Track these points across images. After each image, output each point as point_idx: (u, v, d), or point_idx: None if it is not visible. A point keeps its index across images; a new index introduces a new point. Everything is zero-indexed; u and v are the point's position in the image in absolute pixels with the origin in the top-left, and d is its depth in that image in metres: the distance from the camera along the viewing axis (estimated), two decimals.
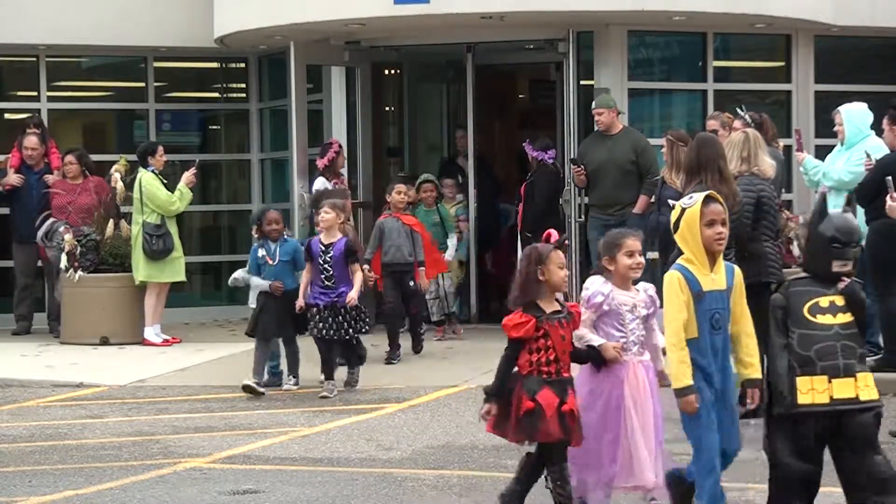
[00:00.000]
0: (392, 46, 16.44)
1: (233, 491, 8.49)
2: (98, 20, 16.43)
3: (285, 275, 12.03)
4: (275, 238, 12.12)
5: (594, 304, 7.43)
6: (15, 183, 15.67)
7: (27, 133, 15.85)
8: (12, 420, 11.13)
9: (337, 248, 11.73)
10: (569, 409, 7.17)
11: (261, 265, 12.09)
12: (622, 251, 7.48)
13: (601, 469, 7.35)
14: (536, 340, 7.22)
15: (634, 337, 7.53)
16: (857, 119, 12.56)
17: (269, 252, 12.08)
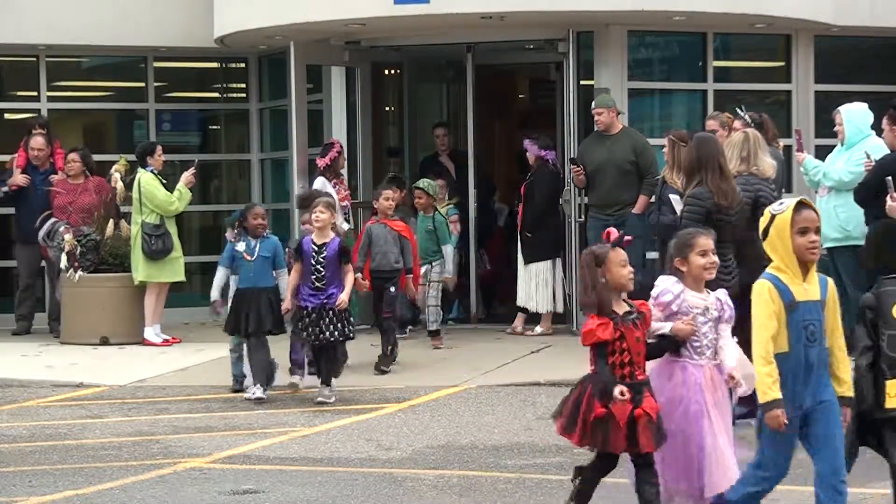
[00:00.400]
0: (392, 46, 16.44)
1: (233, 491, 8.49)
2: (98, 20, 16.43)
3: (263, 272, 11.66)
4: (258, 234, 11.75)
5: (662, 302, 7.22)
6: (21, 183, 15.67)
7: (33, 133, 15.84)
8: (12, 420, 11.13)
9: (330, 248, 11.42)
10: (642, 413, 6.95)
11: (236, 259, 11.70)
12: (695, 251, 7.23)
13: (692, 478, 7.14)
14: (612, 343, 7.03)
15: (707, 340, 7.25)
16: (858, 119, 12.57)
17: (248, 248, 11.68)
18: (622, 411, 6.90)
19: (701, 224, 9.90)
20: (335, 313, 11.37)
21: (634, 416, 6.94)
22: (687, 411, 7.13)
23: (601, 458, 7.20)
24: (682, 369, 7.16)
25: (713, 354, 7.25)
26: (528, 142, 14.99)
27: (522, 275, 14.98)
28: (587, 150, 14.68)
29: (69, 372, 13.25)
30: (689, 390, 7.15)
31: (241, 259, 11.67)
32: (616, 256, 7.14)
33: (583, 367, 7.32)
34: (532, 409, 11.17)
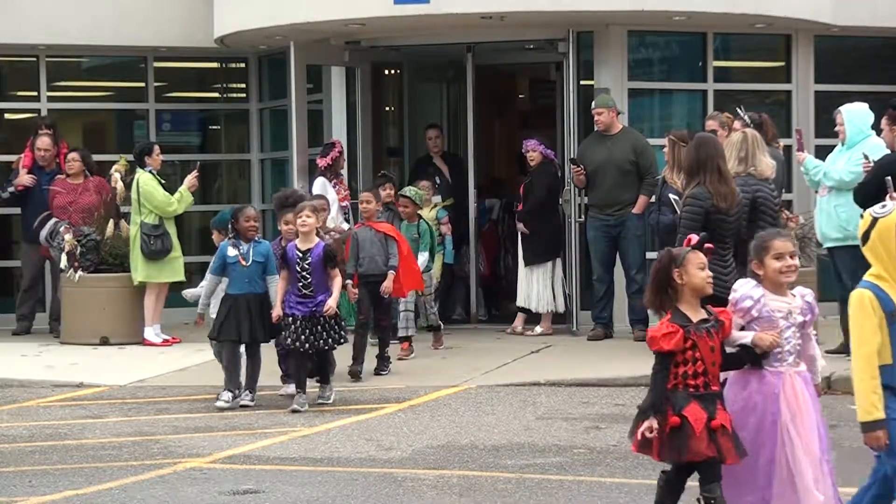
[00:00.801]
0: (392, 46, 16.44)
1: (233, 491, 8.49)
2: (98, 20, 16.43)
3: (256, 278, 11.26)
4: (250, 238, 11.32)
5: (742, 308, 6.81)
6: (27, 183, 15.66)
7: (39, 134, 15.83)
8: (12, 420, 11.13)
9: (315, 253, 11.07)
10: (719, 425, 6.60)
11: (230, 264, 11.25)
12: (770, 254, 6.82)
13: (757, 491, 6.74)
14: (683, 352, 6.64)
15: (790, 346, 6.82)
16: (859, 119, 12.56)
17: (242, 252, 11.26)
18: (699, 418, 6.57)
19: (699, 224, 9.91)
20: (326, 320, 11.10)
21: (711, 426, 6.60)
22: (761, 422, 6.75)
23: (679, 469, 6.81)
24: (758, 377, 6.78)
25: (795, 361, 6.84)
26: (534, 142, 14.97)
27: (523, 275, 14.98)
28: (587, 150, 14.69)
29: (69, 372, 13.24)
30: (764, 399, 6.77)
31: (234, 264, 11.25)
32: (695, 258, 6.81)
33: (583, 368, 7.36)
34: (532, 409, 11.18)
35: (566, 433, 10.18)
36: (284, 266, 11.14)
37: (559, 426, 10.44)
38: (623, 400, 11.52)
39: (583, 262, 15.04)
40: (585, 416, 10.81)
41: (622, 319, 14.60)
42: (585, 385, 12.12)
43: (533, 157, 14.95)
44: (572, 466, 9.05)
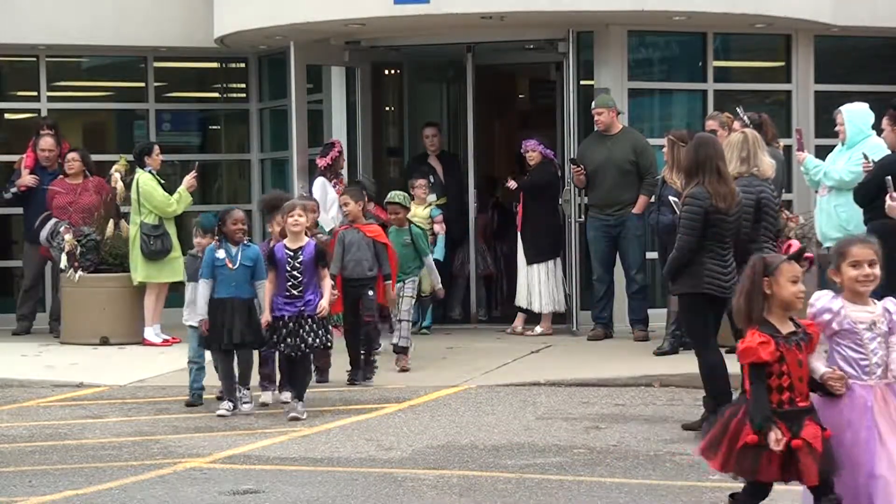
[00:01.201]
0: (392, 46, 16.44)
1: (233, 491, 8.49)
2: (98, 20, 16.43)
3: (244, 282, 10.94)
4: (237, 240, 11.02)
5: (822, 322, 6.50)
6: (30, 184, 15.66)
7: (42, 134, 15.83)
8: (12, 420, 11.13)
9: (307, 252, 10.78)
10: (801, 444, 6.33)
11: (217, 268, 10.94)
12: (846, 261, 6.51)
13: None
14: (770, 365, 6.38)
15: (877, 358, 6.50)
16: (859, 119, 12.56)
17: (229, 255, 10.95)
18: (777, 439, 6.31)
19: (699, 224, 9.92)
20: (314, 321, 10.77)
21: (792, 446, 6.33)
22: (856, 437, 6.46)
23: (754, 484, 6.57)
24: (848, 392, 6.48)
25: (884, 373, 6.52)
26: (534, 142, 14.96)
27: (523, 275, 14.97)
28: (587, 150, 14.69)
29: (69, 372, 13.24)
30: (857, 414, 6.47)
31: (221, 267, 10.94)
32: (789, 270, 6.46)
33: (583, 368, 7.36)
34: (532, 409, 11.17)
35: (566, 433, 10.18)
36: (272, 267, 10.84)
37: (559, 426, 10.44)
38: (623, 400, 11.52)
39: (583, 262, 15.04)
40: (585, 416, 10.81)
41: (622, 319, 14.60)
42: (585, 385, 12.12)
43: (532, 157, 14.95)
44: (572, 466, 9.05)
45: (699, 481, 8.51)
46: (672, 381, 12.10)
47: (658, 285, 15.04)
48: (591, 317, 14.69)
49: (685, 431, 10.06)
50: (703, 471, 8.78)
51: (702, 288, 9.97)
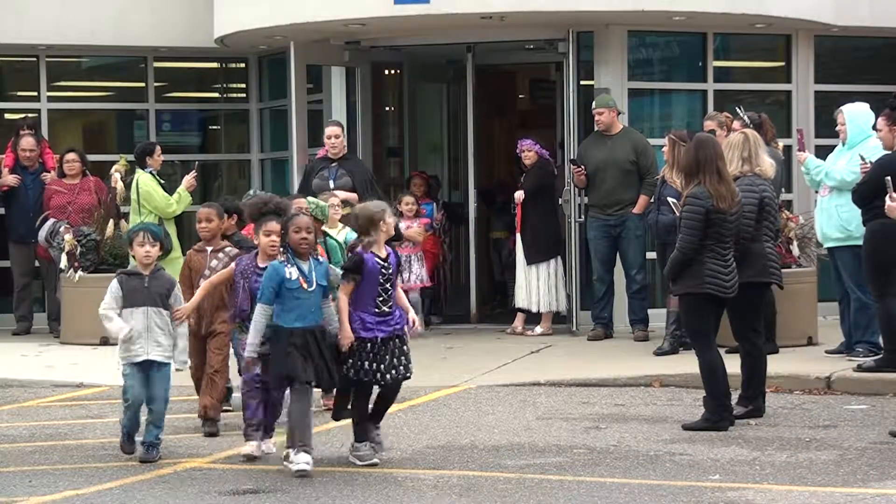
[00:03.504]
0: (392, 46, 16.44)
1: (233, 491, 8.49)
2: (98, 20, 16.44)
3: (319, 306, 8.98)
4: (306, 254, 9.02)
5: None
6: (12, 183, 15.69)
7: (22, 134, 15.88)
8: (12, 420, 11.14)
9: (393, 262, 9.18)
10: None
11: (289, 290, 8.87)
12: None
13: None
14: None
15: None
16: (860, 119, 12.57)
17: (302, 273, 8.92)
18: None
19: (700, 224, 9.93)
20: (404, 342, 9.17)
21: None
22: None
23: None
24: None
25: None
26: (529, 142, 14.97)
27: (522, 275, 14.97)
28: (587, 150, 14.69)
29: (69, 372, 13.25)
30: None
31: (296, 290, 8.87)
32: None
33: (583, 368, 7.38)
34: (532, 409, 11.17)
35: (566, 433, 10.18)
36: (353, 278, 9.02)
37: (559, 426, 10.44)
38: (623, 400, 11.52)
39: (583, 263, 15.04)
40: (585, 416, 10.81)
41: (622, 319, 14.60)
42: (585, 385, 12.12)
43: (528, 157, 14.92)
44: (572, 466, 9.05)
45: (699, 481, 8.52)
46: (672, 381, 12.11)
47: (658, 285, 15.04)
48: (591, 317, 14.69)
49: (685, 431, 10.06)
50: (703, 471, 8.79)
51: (703, 288, 9.98)
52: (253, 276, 9.39)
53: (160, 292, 9.52)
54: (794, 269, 13.51)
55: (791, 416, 10.71)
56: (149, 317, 9.44)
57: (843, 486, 8.31)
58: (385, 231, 9.14)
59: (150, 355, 9.41)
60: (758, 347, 10.57)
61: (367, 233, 9.13)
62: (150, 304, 9.47)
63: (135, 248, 9.59)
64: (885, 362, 11.76)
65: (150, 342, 9.43)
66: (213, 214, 10.44)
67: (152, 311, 9.45)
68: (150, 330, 9.43)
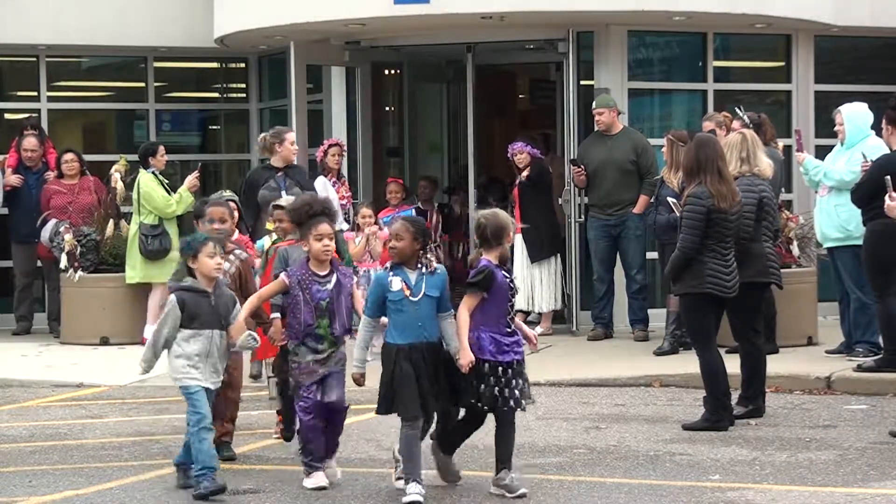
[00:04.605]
0: (392, 46, 16.44)
1: (233, 491, 8.48)
2: (98, 20, 16.44)
3: (431, 320, 8.16)
4: (415, 262, 8.24)
5: None
6: (15, 183, 15.70)
7: (25, 135, 15.89)
8: (12, 420, 11.14)
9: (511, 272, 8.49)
10: None
11: (392, 303, 8.12)
12: None
13: None
14: None
15: None
16: (858, 119, 12.57)
17: (407, 282, 8.14)
18: None
19: (701, 223, 9.93)
20: (522, 365, 8.40)
21: None
22: None
23: None
24: None
25: None
26: (520, 144, 14.93)
27: (522, 275, 14.95)
28: (587, 150, 14.69)
29: (69, 372, 13.24)
30: None
31: (400, 301, 8.11)
32: None
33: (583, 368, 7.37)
34: (532, 409, 11.13)
35: (566, 433, 10.17)
36: (479, 291, 8.16)
37: (559, 426, 10.44)
38: (623, 400, 11.52)
39: (583, 262, 15.04)
40: (585, 416, 10.81)
41: (622, 319, 14.59)
42: (585, 385, 12.12)
43: (521, 160, 14.87)
44: (572, 466, 9.05)
45: (699, 481, 8.52)
46: (672, 381, 12.10)
47: (658, 285, 15.04)
48: (591, 317, 14.69)
49: (685, 431, 10.06)
50: (703, 471, 8.79)
51: (704, 288, 9.98)
52: (314, 286, 8.48)
53: (224, 312, 8.51)
54: (794, 269, 13.51)
55: (791, 416, 10.71)
56: (212, 342, 8.45)
57: (843, 486, 8.30)
58: (508, 245, 8.43)
59: (207, 383, 8.45)
60: (758, 347, 10.58)
61: (491, 245, 8.28)
62: (216, 325, 8.46)
63: (201, 261, 8.44)
64: (885, 362, 11.76)
65: (207, 368, 8.45)
66: (227, 214, 9.68)
67: (216, 335, 8.47)
68: (210, 356, 8.46)
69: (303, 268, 8.56)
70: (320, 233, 8.50)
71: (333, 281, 8.50)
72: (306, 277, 8.51)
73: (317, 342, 8.49)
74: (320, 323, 8.47)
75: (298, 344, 8.54)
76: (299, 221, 8.70)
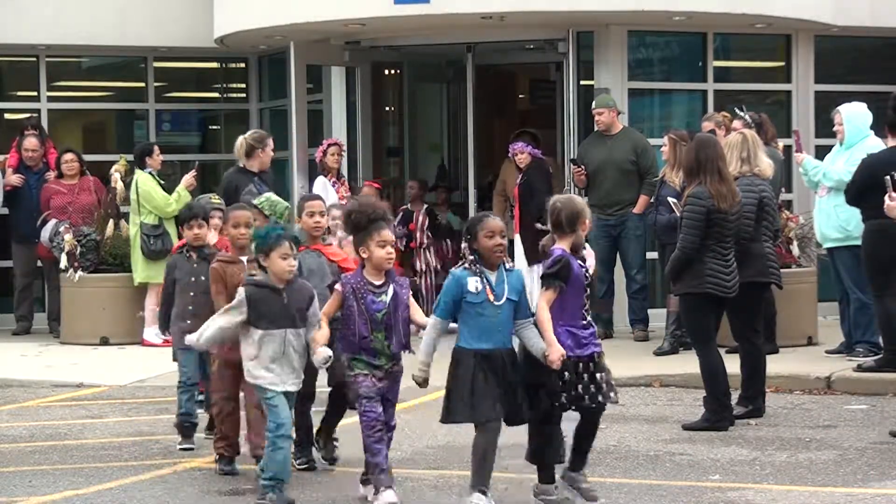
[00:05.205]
0: (392, 46, 16.45)
1: (233, 491, 8.49)
2: (98, 20, 16.45)
3: (508, 324, 7.67)
4: (496, 261, 7.67)
5: None
6: (15, 183, 15.71)
7: (26, 135, 15.90)
8: (12, 420, 11.14)
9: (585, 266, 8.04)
10: None
11: (472, 306, 7.61)
12: None
13: None
14: None
15: None
16: (857, 119, 12.57)
17: (489, 284, 7.61)
18: None
19: (701, 223, 9.93)
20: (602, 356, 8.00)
21: None
22: None
23: None
24: None
25: None
26: (521, 144, 14.92)
27: None
28: (587, 150, 14.69)
29: (69, 372, 13.25)
30: None
31: (481, 304, 7.61)
32: None
33: None
34: None
35: (567, 433, 10.16)
36: (559, 285, 7.76)
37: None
38: (623, 400, 11.49)
39: None
40: None
41: (622, 319, 14.59)
42: None
43: (522, 160, 14.86)
44: None
45: (699, 481, 8.52)
46: (672, 381, 12.10)
47: (658, 285, 15.04)
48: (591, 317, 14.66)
49: (685, 431, 10.06)
50: (703, 471, 8.79)
51: (704, 288, 9.98)
52: (369, 297, 7.90)
53: (300, 307, 7.98)
54: (794, 269, 13.51)
55: (791, 416, 10.71)
56: (286, 342, 7.94)
57: (843, 486, 8.30)
58: (584, 231, 7.94)
59: (287, 385, 7.97)
60: (757, 347, 10.57)
61: (564, 231, 7.87)
62: (289, 324, 7.96)
63: (273, 260, 7.92)
64: (885, 362, 11.76)
65: (285, 370, 7.96)
66: (250, 218, 9.00)
67: (291, 334, 7.96)
68: (287, 355, 7.95)
69: (357, 276, 7.97)
70: (384, 239, 7.88)
71: (390, 293, 7.93)
72: (361, 287, 7.92)
73: (373, 356, 7.97)
74: (376, 336, 7.94)
75: (354, 357, 7.98)
76: (359, 227, 7.96)
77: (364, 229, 7.90)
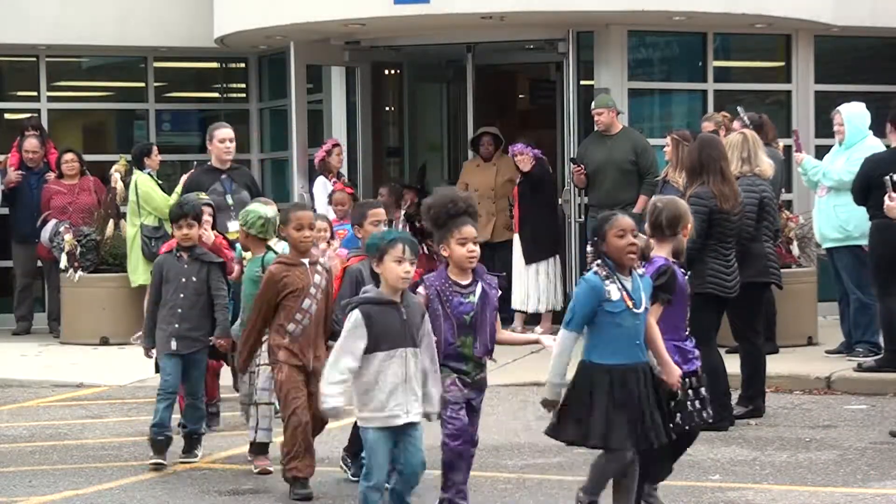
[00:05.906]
0: (392, 46, 16.45)
1: (233, 491, 8.49)
2: (98, 20, 16.45)
3: (643, 335, 7.07)
4: (627, 264, 6.97)
5: None
6: (15, 179, 15.71)
7: (27, 135, 15.90)
8: (12, 420, 11.14)
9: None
10: None
11: (610, 315, 6.95)
12: None
13: None
14: None
15: None
16: (857, 119, 12.58)
17: (626, 290, 6.93)
18: None
19: (703, 224, 9.93)
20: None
21: None
22: None
23: None
24: None
25: None
26: (521, 145, 14.91)
27: (521, 276, 14.95)
28: (587, 150, 14.69)
29: (69, 372, 13.25)
30: None
31: (621, 313, 6.92)
32: None
33: None
34: (532, 409, 11.16)
35: None
36: (666, 299, 7.26)
37: None
38: None
39: (583, 263, 15.03)
40: None
41: None
42: None
43: (522, 162, 14.84)
44: (572, 466, 9.04)
45: (699, 481, 8.52)
46: None
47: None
48: None
49: None
50: (703, 471, 8.79)
51: (705, 288, 9.97)
52: (455, 298, 7.36)
53: (416, 323, 7.02)
54: (794, 269, 13.51)
55: (791, 416, 10.71)
56: (407, 363, 6.95)
57: (843, 486, 8.31)
58: (686, 236, 7.43)
59: (410, 416, 6.94)
60: (758, 347, 10.58)
61: (664, 234, 7.39)
62: (410, 343, 6.97)
63: (386, 265, 6.94)
64: (886, 362, 11.77)
65: (408, 397, 6.95)
66: (314, 219, 8.46)
67: (410, 354, 6.96)
68: (408, 381, 6.95)
69: (441, 276, 7.39)
70: (464, 236, 7.29)
71: (478, 292, 7.35)
72: (446, 288, 7.35)
73: (461, 362, 7.39)
74: (464, 341, 7.35)
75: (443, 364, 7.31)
76: (438, 223, 7.38)
77: (444, 226, 7.35)
